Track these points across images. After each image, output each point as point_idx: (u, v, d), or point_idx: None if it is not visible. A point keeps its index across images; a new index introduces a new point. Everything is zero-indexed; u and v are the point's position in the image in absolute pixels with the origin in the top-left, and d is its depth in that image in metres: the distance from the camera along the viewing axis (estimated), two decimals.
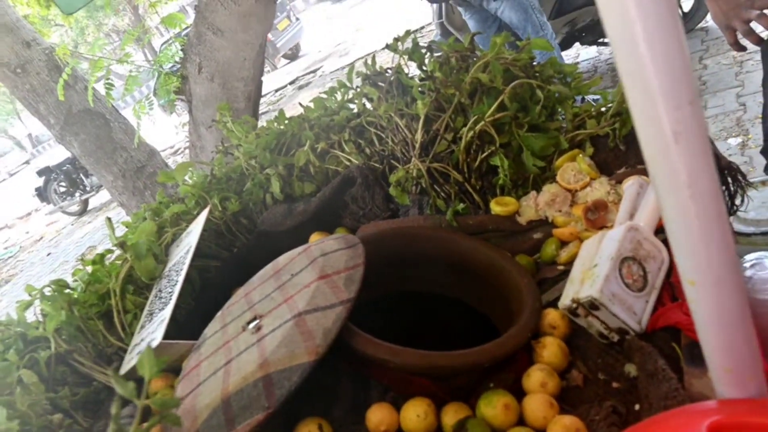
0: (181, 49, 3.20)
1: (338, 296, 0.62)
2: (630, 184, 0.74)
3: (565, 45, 4.08)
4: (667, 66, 0.32)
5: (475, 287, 0.78)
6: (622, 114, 0.82)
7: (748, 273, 0.81)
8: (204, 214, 0.96)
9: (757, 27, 1.45)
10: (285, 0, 12.22)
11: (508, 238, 0.83)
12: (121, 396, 0.69)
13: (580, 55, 4.51)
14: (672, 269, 0.65)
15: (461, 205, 0.84)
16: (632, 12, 0.32)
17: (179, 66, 3.28)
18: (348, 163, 0.99)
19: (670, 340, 0.58)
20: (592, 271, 0.63)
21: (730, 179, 0.87)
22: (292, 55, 11.18)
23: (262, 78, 3.13)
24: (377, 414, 0.60)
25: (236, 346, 0.66)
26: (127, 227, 1.09)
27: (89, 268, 0.96)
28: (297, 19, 11.36)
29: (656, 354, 0.56)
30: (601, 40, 4.06)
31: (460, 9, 3.53)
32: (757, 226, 0.89)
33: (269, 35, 11.12)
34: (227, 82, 2.95)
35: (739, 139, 2.66)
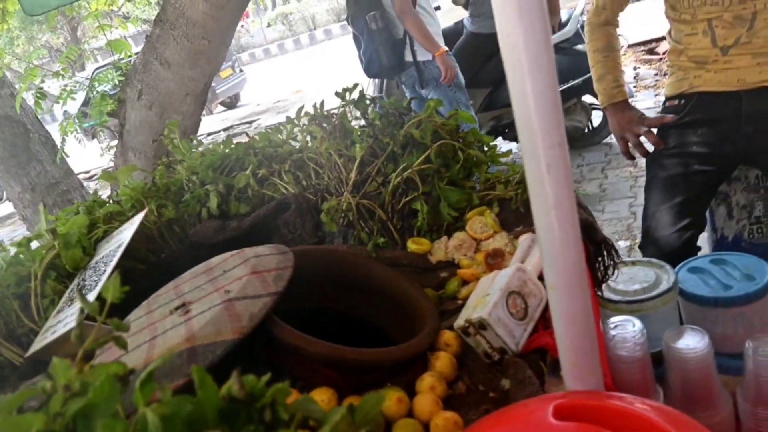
0: (123, 74, 3.22)
1: (266, 289, 0.70)
2: (524, 239, 0.89)
3: (491, 136, 4.44)
4: (546, 120, 0.45)
5: (386, 310, 0.87)
6: (524, 183, 0.97)
7: (611, 333, 0.96)
8: (140, 216, 1.01)
9: (645, 142, 1.73)
10: (232, 51, 12.42)
11: (419, 273, 0.94)
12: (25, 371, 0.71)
13: (501, 147, 4.89)
14: (547, 306, 0.78)
15: (382, 240, 0.95)
16: (527, 87, 0.45)
17: (117, 90, 3.29)
18: (285, 191, 1.08)
19: (539, 359, 0.71)
20: (484, 299, 0.75)
21: (605, 252, 1.04)
22: (231, 104, 11.26)
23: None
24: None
25: (162, 326, 0.71)
26: (56, 220, 1.11)
27: (13, 250, 0.97)
28: (241, 71, 11.54)
29: (526, 366, 0.67)
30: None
31: (403, 86, 3.80)
32: (623, 296, 1.05)
33: None
34: (165, 113, 2.98)
35: (628, 242, 3.00)
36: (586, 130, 4.10)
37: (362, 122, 1.08)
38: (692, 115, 1.61)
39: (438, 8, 4.61)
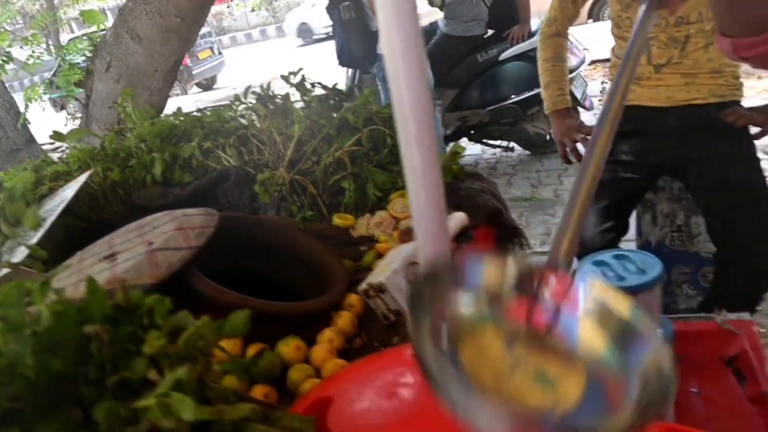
0: (93, 45, 3.23)
1: (188, 243, 0.78)
2: None
3: (456, 137, 4.54)
4: (420, 126, 0.53)
5: (305, 275, 0.95)
6: (445, 171, 1.07)
7: None
8: (85, 176, 1.07)
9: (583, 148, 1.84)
10: (212, 32, 12.32)
11: (341, 246, 1.02)
12: None
13: (467, 149, 5.02)
14: None
15: (310, 213, 1.04)
16: (406, 108, 0.53)
17: (87, 61, 3.29)
18: (227, 164, 1.15)
19: None
20: (387, 267, 0.84)
21: (515, 239, 1.14)
22: (207, 86, 11.18)
23: (169, 96, 3.22)
24: None
25: (90, 272, 0.78)
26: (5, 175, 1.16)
27: None
28: (220, 53, 11.45)
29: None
30: (485, 140, 4.59)
31: (377, 81, 3.87)
32: None
33: (187, 60, 11.02)
34: (133, 87, 3.00)
35: None
36: (548, 137, 4.24)
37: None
38: (624, 126, 1.71)
39: None
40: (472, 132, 4.49)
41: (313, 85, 1.10)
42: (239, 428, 0.42)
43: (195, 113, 1.24)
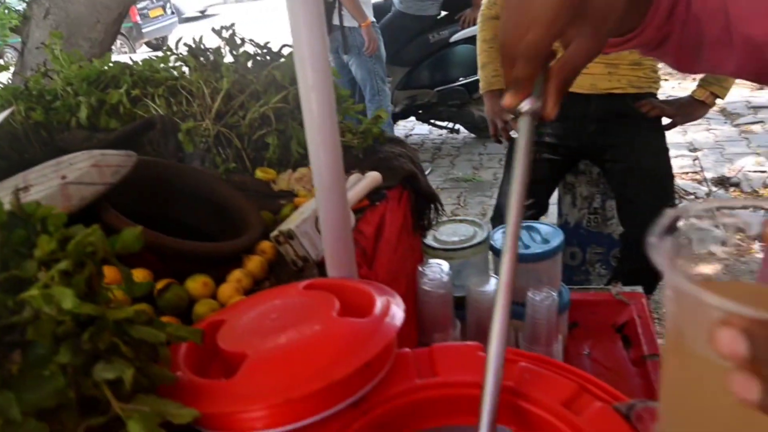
0: None
1: (102, 179, 0.80)
2: (352, 177, 1.03)
3: (405, 115, 4.61)
4: (317, 73, 0.58)
5: (222, 223, 0.99)
6: (366, 134, 1.12)
7: (424, 271, 1.13)
8: (5, 113, 1.06)
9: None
10: None
11: (262, 198, 1.06)
12: None
13: (414, 128, 5.11)
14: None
15: (233, 165, 1.07)
16: (305, 53, 0.58)
17: (25, 6, 3.16)
18: (155, 113, 1.17)
19: None
20: (298, 216, 0.89)
21: (432, 205, 1.21)
22: (157, 46, 10.80)
23: (113, 50, 3.12)
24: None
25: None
26: None
27: None
28: (173, 13, 11.07)
29: (317, 272, 0.82)
30: (432, 121, 4.67)
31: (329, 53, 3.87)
32: (443, 245, 1.23)
33: (137, 18, 10.54)
34: (72, 37, 2.90)
35: None
36: None
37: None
38: None
39: None
40: (420, 112, 4.56)
41: (243, 40, 1.13)
42: (123, 328, 0.47)
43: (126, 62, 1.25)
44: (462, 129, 4.69)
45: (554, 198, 2.05)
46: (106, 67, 1.21)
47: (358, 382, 0.51)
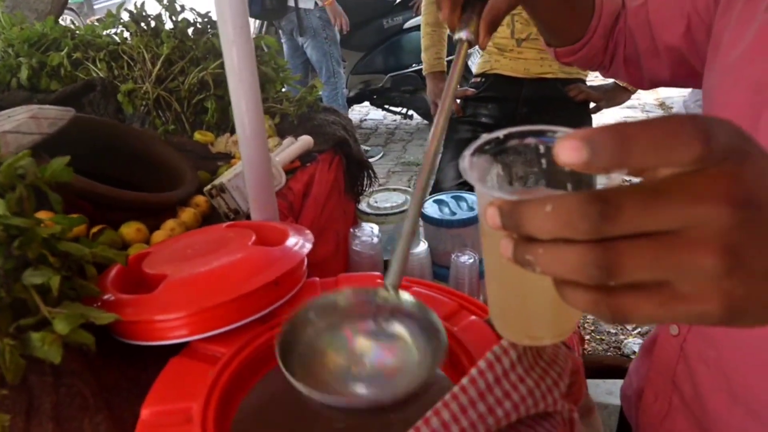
0: None
1: (40, 130, 0.84)
2: (286, 140, 1.10)
3: (359, 100, 4.66)
4: (236, 29, 0.65)
5: (159, 180, 1.04)
6: (301, 102, 1.19)
7: (356, 233, 1.21)
8: None
9: None
10: None
11: (200, 159, 1.12)
12: None
13: (369, 113, 5.18)
14: (284, 187, 1.00)
15: (172, 127, 1.12)
16: (226, 10, 0.64)
17: None
18: (96, 76, 1.20)
19: None
20: (231, 171, 0.95)
21: (365, 172, 1.28)
22: None
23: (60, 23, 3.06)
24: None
25: None
26: None
27: None
28: None
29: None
30: (386, 106, 4.74)
31: (280, 33, 3.88)
32: (375, 210, 1.31)
33: None
34: (17, 8, 2.84)
35: None
36: None
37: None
38: (486, 92, 1.93)
39: None
40: (375, 97, 4.63)
41: (182, 8, 1.17)
42: (51, 243, 0.52)
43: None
44: (415, 115, 4.78)
45: None
46: (47, 30, 1.23)
47: (267, 298, 0.59)
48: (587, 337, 2.41)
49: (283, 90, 1.25)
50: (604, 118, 1.88)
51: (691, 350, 0.67)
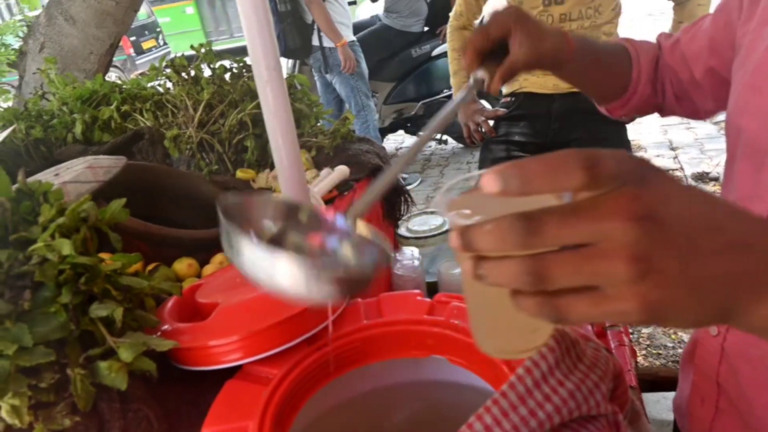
0: (27, 26, 3.24)
1: (96, 178, 0.91)
2: (324, 171, 1.14)
3: (393, 129, 4.74)
4: (270, 71, 0.69)
5: (206, 218, 1.09)
6: (335, 134, 1.23)
7: (397, 257, 1.23)
8: (7, 131, 1.17)
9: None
10: (156, 23, 12.13)
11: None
12: None
13: (404, 141, 5.24)
14: None
15: (215, 167, 1.18)
16: (259, 54, 0.69)
17: (21, 42, 3.30)
18: (143, 126, 1.28)
19: None
20: None
21: (402, 197, 1.31)
22: None
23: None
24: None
25: None
26: None
27: None
28: (165, 43, 11.29)
29: None
30: (420, 133, 4.80)
31: (313, 72, 4.01)
32: (414, 234, 1.33)
33: (131, 51, 10.74)
34: (67, 68, 3.03)
35: None
36: None
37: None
38: (517, 110, 1.94)
39: (353, 2, 4.86)
40: (408, 125, 4.70)
41: (218, 54, 1.24)
42: (113, 278, 0.57)
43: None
44: (450, 140, 4.82)
45: None
46: (97, 87, 1.33)
47: (312, 320, 0.62)
48: (643, 351, 2.34)
49: (318, 124, 1.30)
50: (641, 126, 1.87)
51: (732, 349, 0.67)
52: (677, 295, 0.30)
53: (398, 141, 5.29)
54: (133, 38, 10.42)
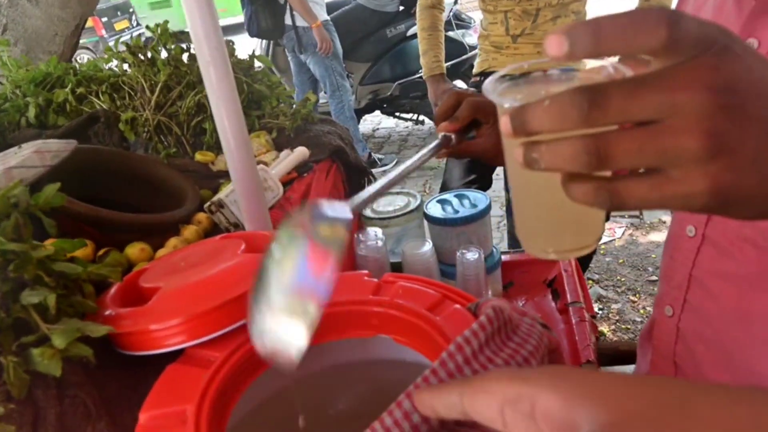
0: None
1: (43, 163, 0.89)
2: (283, 153, 1.13)
3: (369, 110, 4.71)
4: (211, 47, 0.68)
5: (162, 201, 1.08)
6: (296, 115, 1.22)
7: (360, 238, 1.23)
8: None
9: None
10: (130, 3, 11.84)
11: (202, 178, 1.16)
12: None
13: (381, 122, 5.21)
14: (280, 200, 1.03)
15: (173, 150, 1.16)
16: (199, 31, 0.67)
17: None
18: (99, 108, 1.25)
19: None
20: (228, 188, 0.98)
21: (365, 179, 1.31)
22: None
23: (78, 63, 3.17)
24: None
25: None
26: None
27: None
28: (138, 24, 11.04)
29: None
30: (397, 113, 4.78)
31: (287, 52, 3.95)
32: (379, 214, 1.33)
33: (102, 32, 10.48)
34: (31, 51, 2.95)
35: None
36: None
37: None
38: None
39: None
40: (385, 105, 4.67)
41: (174, 35, 1.22)
42: (46, 264, 0.56)
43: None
44: (426, 120, 4.80)
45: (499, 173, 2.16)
46: (51, 69, 1.29)
47: None
48: (612, 326, 2.38)
49: (280, 105, 1.28)
50: None
51: (686, 329, 0.68)
52: (749, 181, 0.28)
53: (375, 122, 5.26)
54: (105, 19, 10.17)
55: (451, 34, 4.27)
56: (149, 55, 1.24)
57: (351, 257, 1.27)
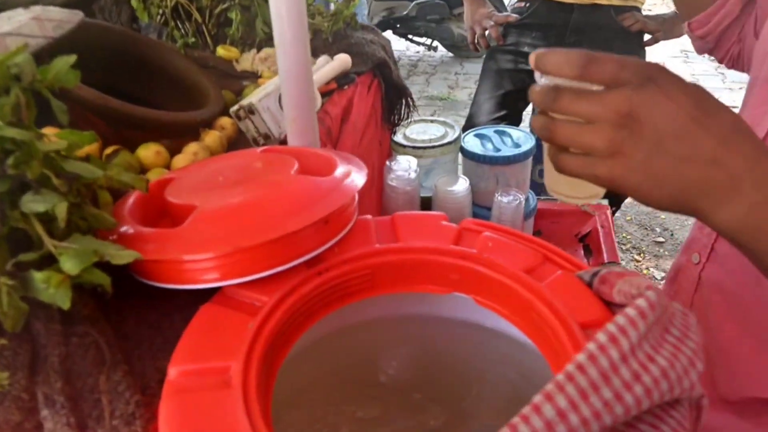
0: None
1: (43, 33, 0.73)
2: (321, 58, 0.97)
3: (381, 28, 4.43)
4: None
5: (179, 98, 0.93)
6: (336, 17, 1.05)
7: (392, 166, 1.10)
8: None
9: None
10: None
11: (223, 77, 1.00)
12: None
13: (391, 43, 4.94)
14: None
15: (192, 40, 0.99)
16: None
17: None
18: None
19: None
20: (261, 91, 0.83)
21: (403, 99, 1.16)
22: None
23: None
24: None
25: None
26: None
27: None
28: None
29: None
30: (410, 36, 4.51)
31: None
32: (413, 142, 1.19)
33: None
34: None
35: None
36: None
37: None
38: (531, 18, 1.76)
39: None
40: (398, 25, 4.40)
41: None
42: (56, 162, 0.42)
43: None
44: (440, 47, 4.55)
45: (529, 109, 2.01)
46: None
47: (315, 239, 0.49)
48: None
49: (315, 3, 1.11)
50: (656, 52, 1.72)
51: (708, 278, 0.72)
52: (634, 177, 0.40)
53: None
54: None
55: None
56: None
57: (379, 186, 1.15)
